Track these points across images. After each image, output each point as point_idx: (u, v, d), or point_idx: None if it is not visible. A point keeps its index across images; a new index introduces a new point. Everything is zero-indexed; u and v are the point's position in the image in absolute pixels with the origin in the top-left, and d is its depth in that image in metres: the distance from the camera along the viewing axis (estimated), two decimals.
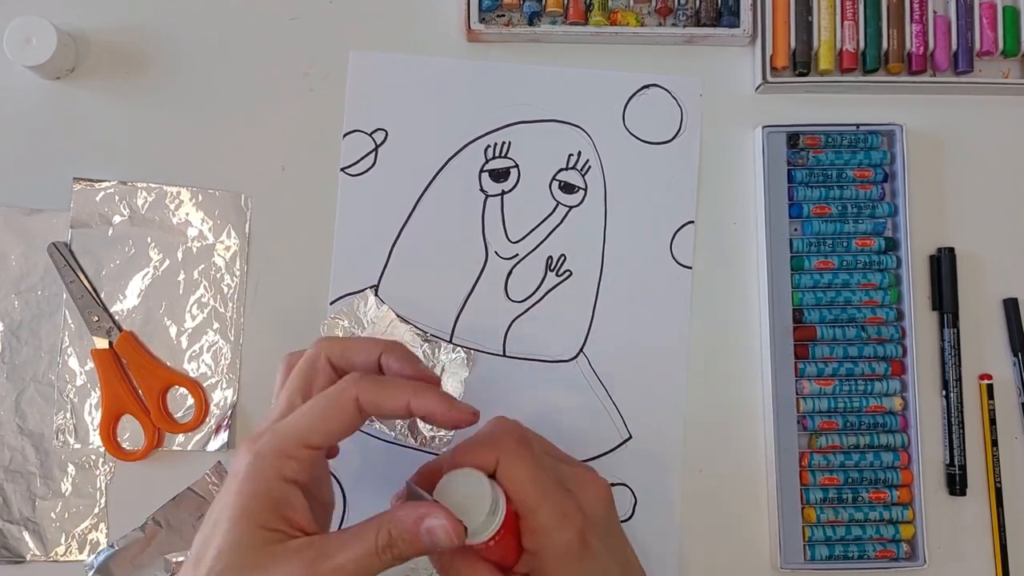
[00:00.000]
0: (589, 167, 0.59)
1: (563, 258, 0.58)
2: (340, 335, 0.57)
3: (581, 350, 0.57)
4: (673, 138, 0.59)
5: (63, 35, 0.56)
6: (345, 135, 0.58)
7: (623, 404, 0.57)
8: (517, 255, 0.58)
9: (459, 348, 0.57)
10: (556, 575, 0.43)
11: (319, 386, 0.43)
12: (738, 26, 0.58)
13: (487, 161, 0.58)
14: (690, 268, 0.58)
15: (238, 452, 0.40)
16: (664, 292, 0.58)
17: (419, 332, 0.57)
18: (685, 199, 0.58)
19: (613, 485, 0.56)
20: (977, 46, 0.58)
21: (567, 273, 0.58)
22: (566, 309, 0.58)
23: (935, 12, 0.59)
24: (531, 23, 0.58)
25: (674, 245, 0.58)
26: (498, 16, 0.59)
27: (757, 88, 0.59)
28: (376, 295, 0.57)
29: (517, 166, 0.58)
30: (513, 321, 0.58)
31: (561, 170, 0.59)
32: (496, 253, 0.58)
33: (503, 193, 0.58)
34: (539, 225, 0.58)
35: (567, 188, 0.59)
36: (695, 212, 0.58)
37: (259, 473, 0.39)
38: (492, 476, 0.43)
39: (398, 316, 0.57)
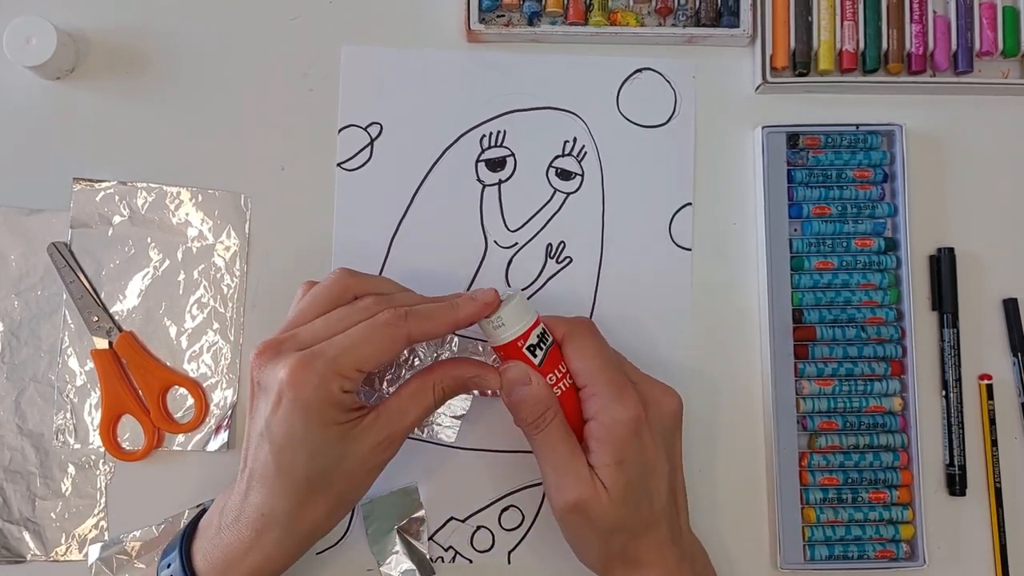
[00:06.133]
0: (585, 153, 0.59)
1: (563, 245, 0.58)
2: None
3: None
4: (668, 121, 0.59)
5: (63, 35, 0.56)
6: (340, 130, 0.58)
7: None
8: (516, 244, 0.58)
9: (464, 339, 0.57)
10: (607, 448, 0.47)
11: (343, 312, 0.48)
12: (738, 26, 0.58)
13: (483, 151, 0.59)
14: (689, 250, 0.58)
15: (291, 368, 0.44)
16: (664, 275, 0.58)
17: None
18: (682, 181, 0.59)
19: None
20: (977, 46, 0.58)
21: (567, 260, 0.58)
22: (567, 296, 0.58)
23: (935, 12, 0.59)
24: (531, 23, 0.58)
25: (673, 227, 0.58)
26: (498, 16, 0.59)
27: (757, 88, 0.59)
28: None
29: (513, 155, 0.59)
30: None
31: (557, 157, 0.59)
32: (495, 242, 0.58)
33: (500, 182, 0.58)
34: (537, 213, 0.58)
35: (564, 175, 0.59)
36: (692, 194, 0.58)
37: (324, 389, 0.44)
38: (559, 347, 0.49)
39: None
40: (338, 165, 0.58)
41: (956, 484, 0.56)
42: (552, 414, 0.48)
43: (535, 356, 0.48)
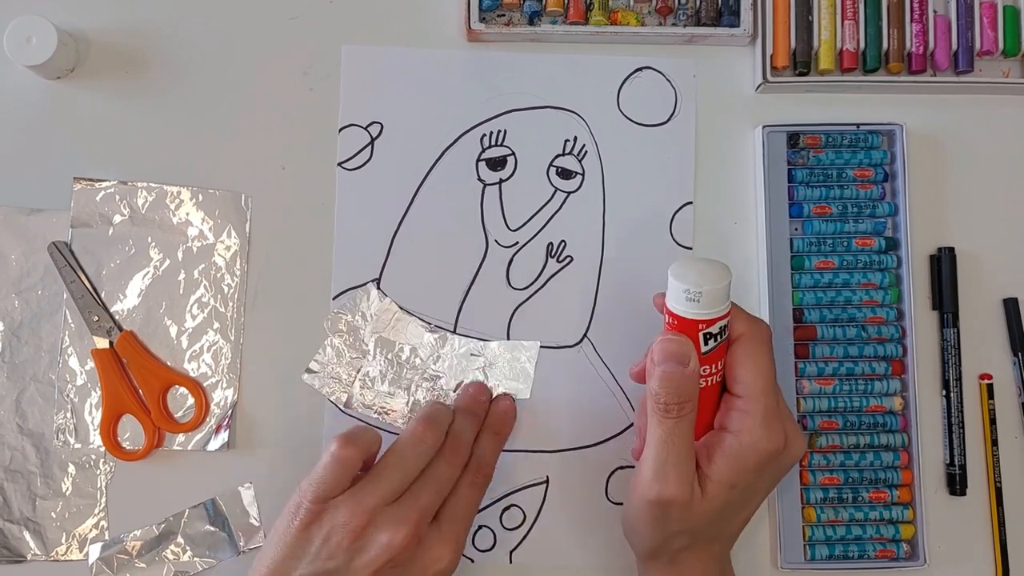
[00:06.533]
0: (586, 152, 0.59)
1: (563, 244, 0.58)
2: (344, 329, 0.57)
3: (585, 335, 0.58)
4: (668, 119, 0.59)
5: (63, 35, 0.56)
6: (341, 129, 0.58)
7: (629, 387, 0.57)
8: (517, 243, 0.58)
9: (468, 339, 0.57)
10: (731, 466, 0.45)
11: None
12: (738, 26, 0.58)
13: (483, 150, 0.59)
14: (691, 248, 0.58)
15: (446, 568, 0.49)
16: (665, 273, 0.58)
17: (424, 323, 0.57)
18: (683, 180, 0.59)
19: (621, 468, 0.57)
20: (977, 46, 0.58)
21: (568, 259, 0.58)
22: (569, 295, 0.58)
23: (935, 12, 0.59)
24: (531, 23, 0.58)
25: (673, 226, 0.58)
26: (498, 16, 0.59)
27: (757, 88, 0.59)
28: (378, 288, 0.57)
29: (514, 154, 0.59)
30: (516, 309, 0.58)
31: (558, 156, 0.59)
32: (496, 242, 0.58)
33: (501, 181, 0.58)
34: (538, 212, 0.58)
35: (564, 174, 0.59)
36: (693, 194, 0.58)
37: None
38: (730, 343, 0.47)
39: (401, 308, 0.57)
40: (339, 165, 0.58)
41: (956, 484, 0.56)
42: (690, 408, 0.45)
43: (706, 344, 0.45)
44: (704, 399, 0.47)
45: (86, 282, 0.57)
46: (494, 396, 0.56)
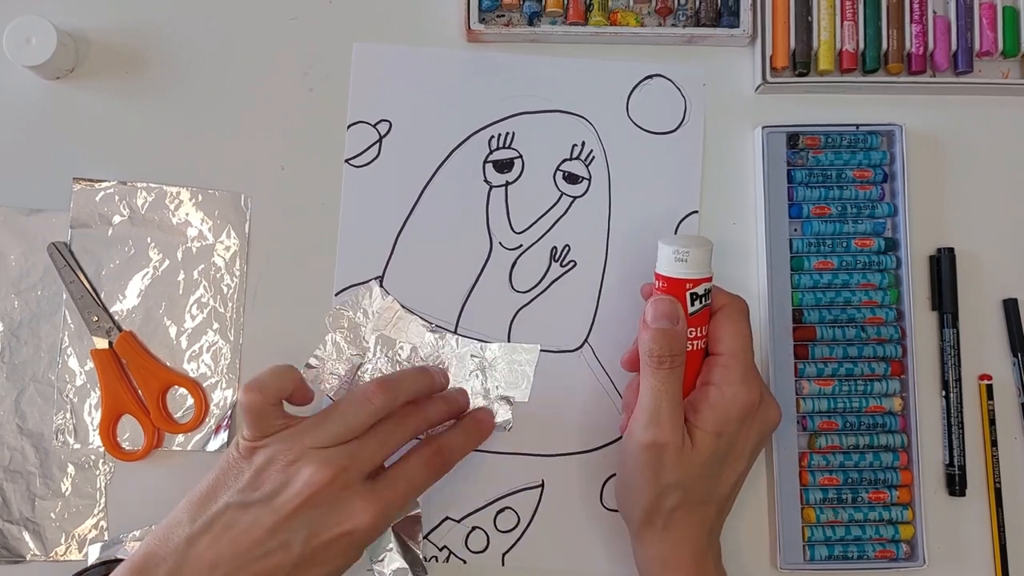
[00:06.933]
0: (593, 157, 0.59)
1: (567, 248, 0.58)
2: (346, 325, 0.57)
3: (586, 340, 0.58)
4: (677, 128, 0.59)
5: (63, 35, 0.56)
6: (349, 126, 0.58)
7: None
8: (521, 246, 0.58)
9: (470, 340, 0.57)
10: (714, 417, 0.49)
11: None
12: (738, 26, 0.58)
13: (491, 152, 0.59)
14: None
15: (374, 519, 0.48)
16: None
17: (425, 323, 0.57)
18: (689, 189, 0.59)
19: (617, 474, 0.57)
20: (977, 46, 0.58)
21: (571, 263, 0.58)
22: (570, 299, 0.58)
23: (935, 12, 0.59)
24: (531, 23, 0.58)
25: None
26: (498, 16, 0.59)
27: (757, 88, 0.59)
28: (381, 286, 0.57)
29: (521, 156, 0.59)
30: (518, 311, 0.58)
31: (565, 160, 0.59)
32: (500, 244, 0.58)
33: (507, 184, 0.58)
34: (543, 216, 0.58)
35: (571, 178, 0.59)
36: (699, 203, 0.58)
37: (381, 531, 0.51)
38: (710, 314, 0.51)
39: (403, 307, 0.57)
40: (346, 161, 0.58)
41: (956, 484, 0.56)
42: (680, 361, 0.49)
43: (692, 305, 0.50)
44: (689, 362, 0.50)
45: (85, 282, 0.57)
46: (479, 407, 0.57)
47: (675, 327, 0.49)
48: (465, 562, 0.56)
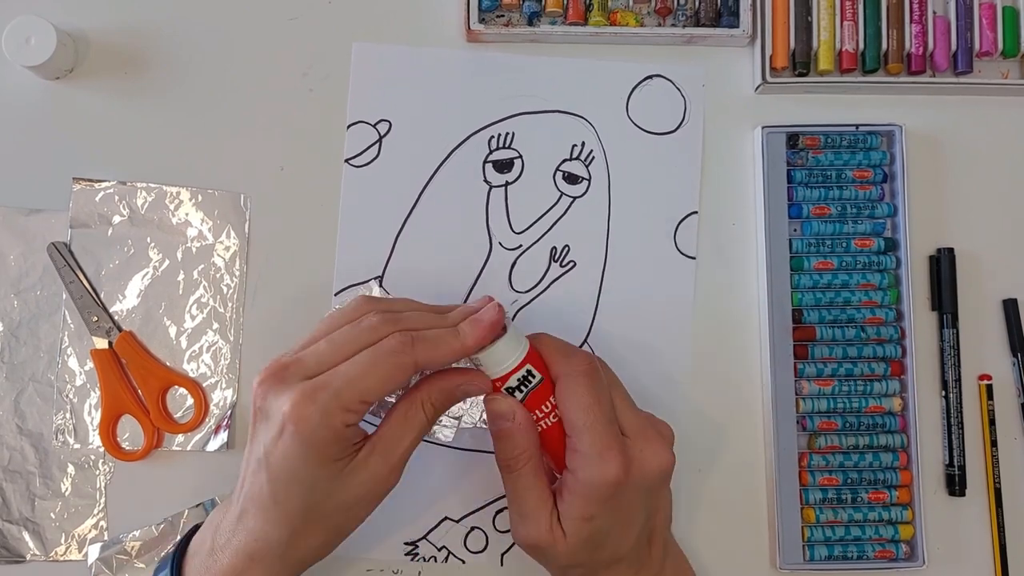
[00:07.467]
0: (593, 158, 0.59)
1: (567, 249, 0.58)
2: None
3: (585, 340, 0.58)
4: (676, 128, 0.59)
5: (63, 35, 0.56)
6: (349, 126, 0.58)
7: None
8: (521, 246, 0.58)
9: None
10: (579, 503, 0.46)
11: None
12: (738, 26, 0.58)
13: (491, 152, 0.59)
14: (694, 259, 0.58)
15: (295, 401, 0.42)
16: (668, 283, 0.58)
17: None
18: (689, 190, 0.59)
19: None
20: (976, 46, 0.58)
21: (571, 264, 0.58)
22: (570, 300, 0.58)
23: (935, 12, 0.59)
24: (531, 23, 0.58)
25: (678, 236, 0.58)
26: (498, 16, 0.59)
27: (756, 88, 0.59)
28: (381, 286, 0.57)
29: (521, 157, 0.59)
30: (517, 312, 0.58)
31: (565, 160, 0.59)
32: (500, 244, 0.58)
33: (507, 184, 0.58)
34: (543, 216, 0.58)
35: (571, 179, 0.59)
36: (699, 203, 0.58)
37: (327, 425, 0.42)
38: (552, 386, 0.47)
39: None
40: (346, 161, 0.58)
41: (956, 484, 0.56)
42: (526, 459, 0.47)
43: (518, 393, 0.46)
44: (550, 439, 0.47)
45: (85, 282, 0.57)
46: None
47: (512, 424, 0.46)
48: (464, 562, 0.56)
